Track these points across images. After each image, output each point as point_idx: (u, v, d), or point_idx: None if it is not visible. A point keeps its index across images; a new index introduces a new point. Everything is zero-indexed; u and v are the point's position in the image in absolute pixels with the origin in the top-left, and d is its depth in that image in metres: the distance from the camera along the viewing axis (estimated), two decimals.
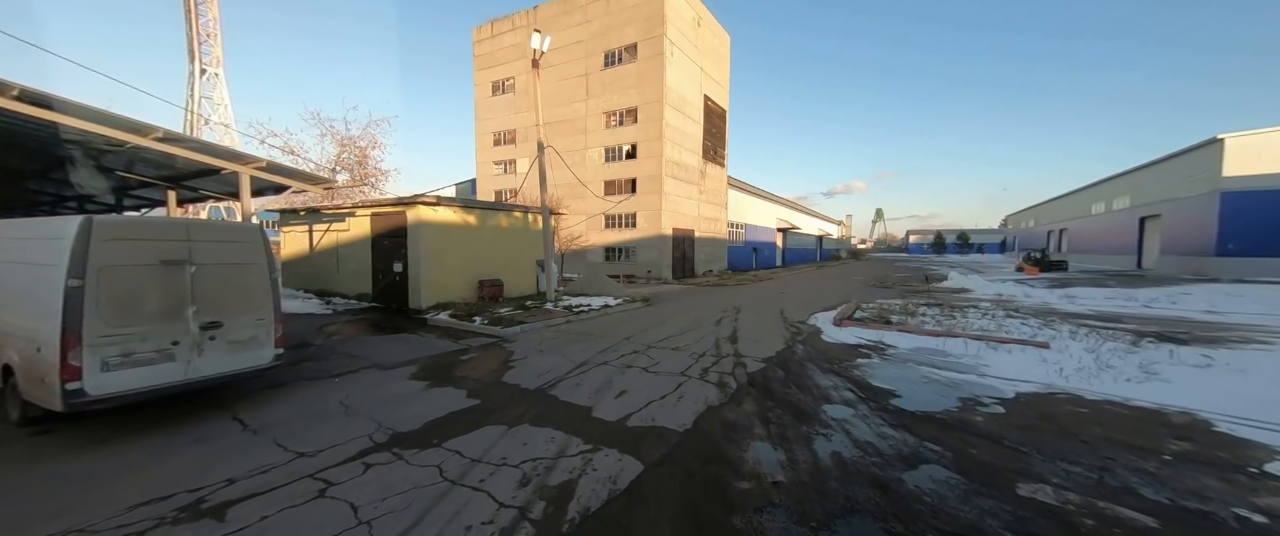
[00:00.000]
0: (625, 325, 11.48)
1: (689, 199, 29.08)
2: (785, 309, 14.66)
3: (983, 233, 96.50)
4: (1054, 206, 51.45)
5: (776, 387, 6.55)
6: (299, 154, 18.00)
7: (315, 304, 13.78)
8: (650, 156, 26.05)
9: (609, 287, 17.30)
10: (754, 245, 41.34)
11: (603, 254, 28.27)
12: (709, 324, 11.77)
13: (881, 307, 14.18)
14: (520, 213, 16.46)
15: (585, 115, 28.15)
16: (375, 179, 19.54)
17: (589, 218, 28.44)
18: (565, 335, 10.17)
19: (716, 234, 33.22)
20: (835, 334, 10.57)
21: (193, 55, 32.49)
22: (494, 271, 15.11)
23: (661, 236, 26.02)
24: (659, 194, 25.93)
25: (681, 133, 27.80)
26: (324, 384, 6.47)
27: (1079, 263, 40.25)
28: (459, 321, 10.75)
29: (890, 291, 20.87)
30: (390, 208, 13.50)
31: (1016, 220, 68.90)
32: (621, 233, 27.41)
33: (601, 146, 27.72)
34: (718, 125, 33.02)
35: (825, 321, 12.21)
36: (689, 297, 18.00)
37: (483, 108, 32.68)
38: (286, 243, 16.82)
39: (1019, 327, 10.81)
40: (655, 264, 26.32)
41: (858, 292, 20.09)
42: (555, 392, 6.20)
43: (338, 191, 18.94)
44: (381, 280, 13.90)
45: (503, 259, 15.59)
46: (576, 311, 12.68)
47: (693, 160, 29.41)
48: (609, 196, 27.67)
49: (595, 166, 28.06)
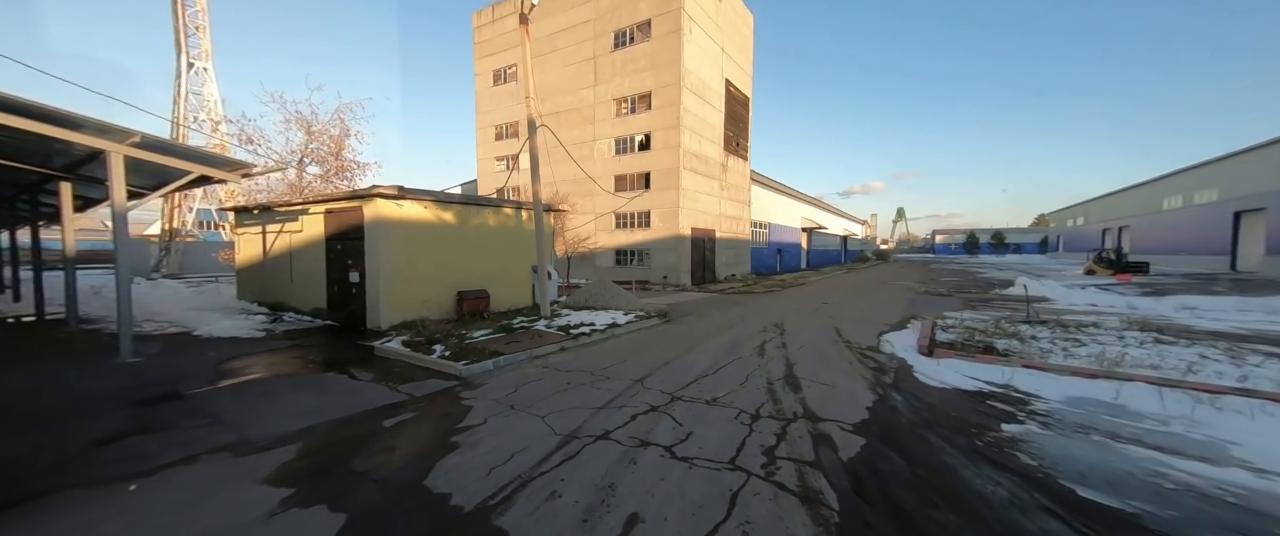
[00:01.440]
0: (639, 355, 8.57)
1: (709, 195, 26.07)
2: (841, 327, 11.57)
3: (1018, 232, 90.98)
4: (1110, 202, 46.76)
5: (905, 498, 3.60)
6: (260, 143, 15.71)
7: (256, 323, 11.19)
8: (666, 147, 23.15)
9: (619, 298, 14.43)
10: (778, 246, 38.08)
11: (613, 257, 25.43)
12: (750, 352, 8.79)
13: (966, 326, 11.00)
14: (511, 210, 13.71)
15: (593, 103, 25.39)
16: (352, 172, 17.03)
17: (598, 217, 25.64)
18: (554, 374, 7.31)
19: (739, 234, 30.12)
20: (933, 370, 7.50)
21: (180, 48, 30.61)
22: (478, 280, 12.38)
23: (679, 237, 23.07)
24: (676, 189, 23.00)
25: (701, 120, 24.84)
26: (103, 500, 3.70)
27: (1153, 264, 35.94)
28: (414, 352, 7.99)
29: (950, 300, 17.56)
30: (344, 203, 10.86)
31: (1059, 218, 63.95)
32: (634, 234, 24.55)
33: (611, 138, 24.92)
34: (740, 113, 29.96)
35: (906, 347, 9.12)
36: (716, 310, 15.00)
37: (484, 99, 30.22)
38: (242, 246, 14.36)
39: (1195, 359, 7.60)
40: (672, 268, 23.38)
41: (915, 303, 16.82)
42: (508, 521, 3.33)
43: (308, 187, 16.46)
44: (336, 292, 11.26)
45: (490, 265, 12.85)
46: (576, 333, 9.82)
47: (713, 152, 26.40)
48: (620, 193, 24.83)
49: (604, 160, 25.27)
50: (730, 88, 28.37)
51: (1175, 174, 33.51)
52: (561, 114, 26.68)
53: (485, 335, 9.45)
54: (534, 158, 11.85)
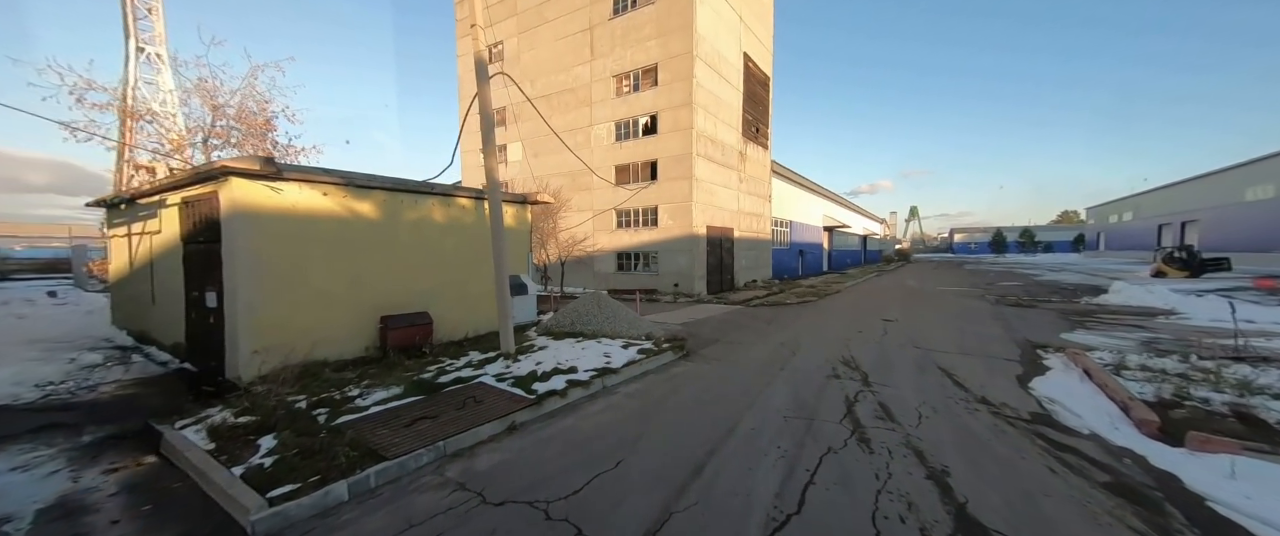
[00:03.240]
0: (643, 445, 4.78)
1: (726, 188, 22.24)
2: (948, 366, 7.68)
3: (1048, 230, 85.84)
4: (1167, 195, 41.88)
5: None
6: (155, 119, 12.28)
7: (76, 367, 7.55)
8: (676, 130, 19.37)
9: (617, 318, 10.65)
10: (800, 247, 34.10)
11: (614, 262, 21.68)
12: (835, 426, 4.97)
13: (1146, 368, 7.08)
14: (469, 200, 10.07)
15: (589, 81, 21.69)
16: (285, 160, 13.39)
17: (596, 215, 21.92)
18: (478, 511, 3.55)
19: (759, 233, 26.23)
20: (1213, 482, 3.65)
21: (128, 31, 26.96)
22: (416, 299, 8.70)
23: (692, 237, 19.27)
24: (688, 179, 19.21)
25: (716, 99, 21.04)
26: None
27: (1235, 263, 31.46)
28: (211, 457, 4.26)
29: (1041, 313, 13.56)
30: (197, 189, 7.20)
31: (1100, 214, 59.01)
32: (638, 233, 20.78)
33: (610, 121, 21.19)
34: (760, 94, 26.11)
35: (1101, 416, 5.28)
36: (749, 335, 11.16)
37: (467, 83, 26.67)
38: (113, 253, 10.79)
39: None
40: (684, 274, 19.57)
41: (1006, 319, 12.84)
42: None
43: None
44: (194, 320, 7.60)
45: (436, 278, 9.19)
46: (541, 392, 6.06)
47: (730, 137, 22.59)
48: (622, 186, 21.09)
49: (603, 147, 21.55)
50: (749, 64, 24.55)
51: (1264, 159, 29.07)
52: (553, 96, 23.02)
53: (387, 398, 5.71)
54: (485, 112, 8.19)
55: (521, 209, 11.58)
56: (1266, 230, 28.44)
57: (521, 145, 24.53)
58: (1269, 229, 28.26)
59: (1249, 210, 30.47)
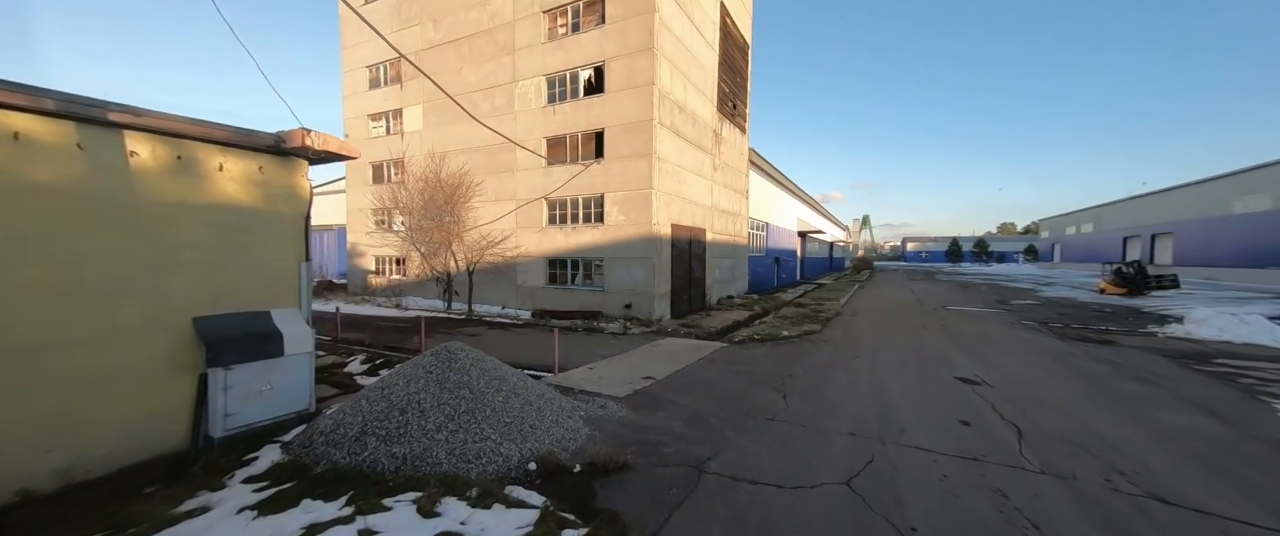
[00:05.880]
0: None
1: (699, 176, 16.84)
2: None
3: (999, 240, 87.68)
4: (1139, 206, 40.61)
5: None
6: None
7: None
8: (630, 87, 13.73)
9: (486, 406, 4.77)
10: (776, 254, 29.44)
11: (544, 271, 15.68)
12: None
13: None
14: (220, 146, 3.78)
15: (512, 19, 15.62)
16: None
17: (521, 206, 15.86)
18: None
19: (736, 237, 21.07)
20: None
21: None
22: None
23: (651, 239, 13.66)
24: (647, 157, 13.60)
25: (686, 52, 15.62)
26: None
27: (1211, 281, 29.75)
28: None
29: (1145, 355, 8.96)
30: None
31: (1056, 225, 59.19)
32: (577, 233, 14.92)
33: (541, 75, 15.23)
34: (739, 63, 21.01)
35: None
36: (767, 439, 5.58)
37: (351, 29, 19.81)
38: None
39: None
40: (640, 292, 13.91)
41: (1111, 367, 8.03)
42: None
43: None
44: None
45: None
46: None
47: (703, 109, 17.24)
48: (557, 164, 15.18)
49: (530, 112, 15.54)
50: (727, 19, 19.37)
51: (1257, 169, 27.43)
52: (461, 42, 16.73)
53: None
54: None
55: (274, 164, 5.40)
56: (1257, 245, 26.67)
57: (422, 110, 18.01)
58: (1260, 243, 26.48)
59: (1237, 223, 28.87)
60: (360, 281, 20.19)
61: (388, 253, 18.91)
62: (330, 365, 8.35)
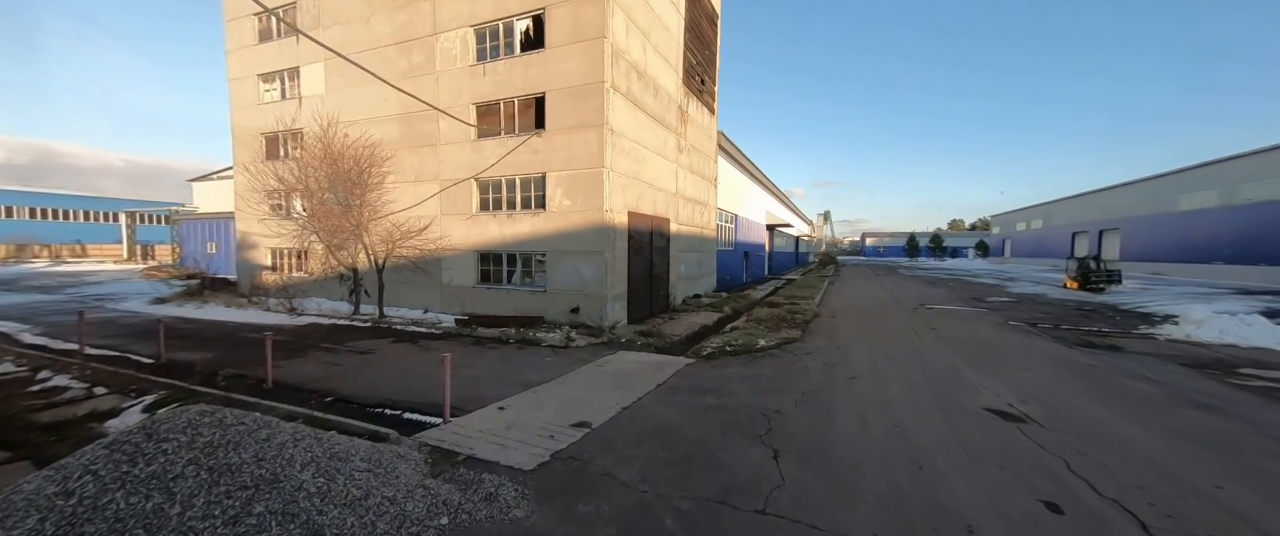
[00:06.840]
0: None
1: (661, 157, 14.53)
2: None
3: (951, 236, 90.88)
4: (1088, 202, 41.89)
5: None
6: None
7: None
8: (577, 40, 11.19)
9: (253, 517, 2.24)
10: (745, 248, 27.72)
11: (474, 267, 12.97)
12: None
13: None
14: None
15: None
16: None
17: (447, 187, 13.05)
18: None
19: (704, 229, 18.98)
20: None
21: None
22: None
23: (603, 229, 11.24)
24: (598, 128, 11.13)
25: (646, 8, 13.22)
26: None
27: (1158, 276, 30.46)
28: None
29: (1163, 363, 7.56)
30: None
31: (1007, 221, 61.22)
32: (515, 221, 12.28)
33: (468, 25, 12.41)
34: (707, 34, 18.78)
35: None
36: None
37: None
38: None
39: None
40: (589, 293, 11.49)
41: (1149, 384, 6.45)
42: None
43: None
44: None
45: None
46: None
47: (668, 80, 14.91)
48: (489, 137, 12.46)
49: (455, 72, 12.70)
50: None
51: (1204, 166, 28.11)
52: None
53: None
54: None
55: None
56: (1208, 239, 27.34)
57: (323, 69, 14.72)
58: (1212, 238, 27.15)
59: (1183, 220, 29.63)
60: (251, 279, 16.66)
61: (286, 245, 15.55)
62: (89, 411, 5.47)
